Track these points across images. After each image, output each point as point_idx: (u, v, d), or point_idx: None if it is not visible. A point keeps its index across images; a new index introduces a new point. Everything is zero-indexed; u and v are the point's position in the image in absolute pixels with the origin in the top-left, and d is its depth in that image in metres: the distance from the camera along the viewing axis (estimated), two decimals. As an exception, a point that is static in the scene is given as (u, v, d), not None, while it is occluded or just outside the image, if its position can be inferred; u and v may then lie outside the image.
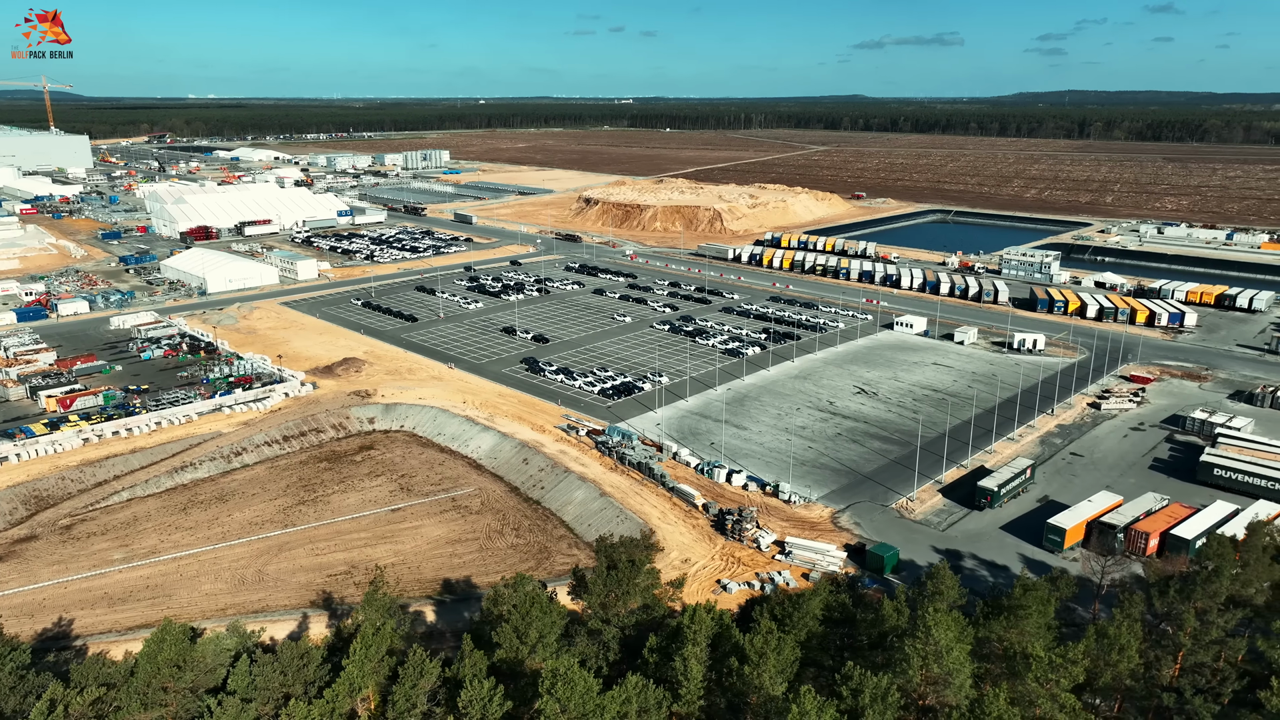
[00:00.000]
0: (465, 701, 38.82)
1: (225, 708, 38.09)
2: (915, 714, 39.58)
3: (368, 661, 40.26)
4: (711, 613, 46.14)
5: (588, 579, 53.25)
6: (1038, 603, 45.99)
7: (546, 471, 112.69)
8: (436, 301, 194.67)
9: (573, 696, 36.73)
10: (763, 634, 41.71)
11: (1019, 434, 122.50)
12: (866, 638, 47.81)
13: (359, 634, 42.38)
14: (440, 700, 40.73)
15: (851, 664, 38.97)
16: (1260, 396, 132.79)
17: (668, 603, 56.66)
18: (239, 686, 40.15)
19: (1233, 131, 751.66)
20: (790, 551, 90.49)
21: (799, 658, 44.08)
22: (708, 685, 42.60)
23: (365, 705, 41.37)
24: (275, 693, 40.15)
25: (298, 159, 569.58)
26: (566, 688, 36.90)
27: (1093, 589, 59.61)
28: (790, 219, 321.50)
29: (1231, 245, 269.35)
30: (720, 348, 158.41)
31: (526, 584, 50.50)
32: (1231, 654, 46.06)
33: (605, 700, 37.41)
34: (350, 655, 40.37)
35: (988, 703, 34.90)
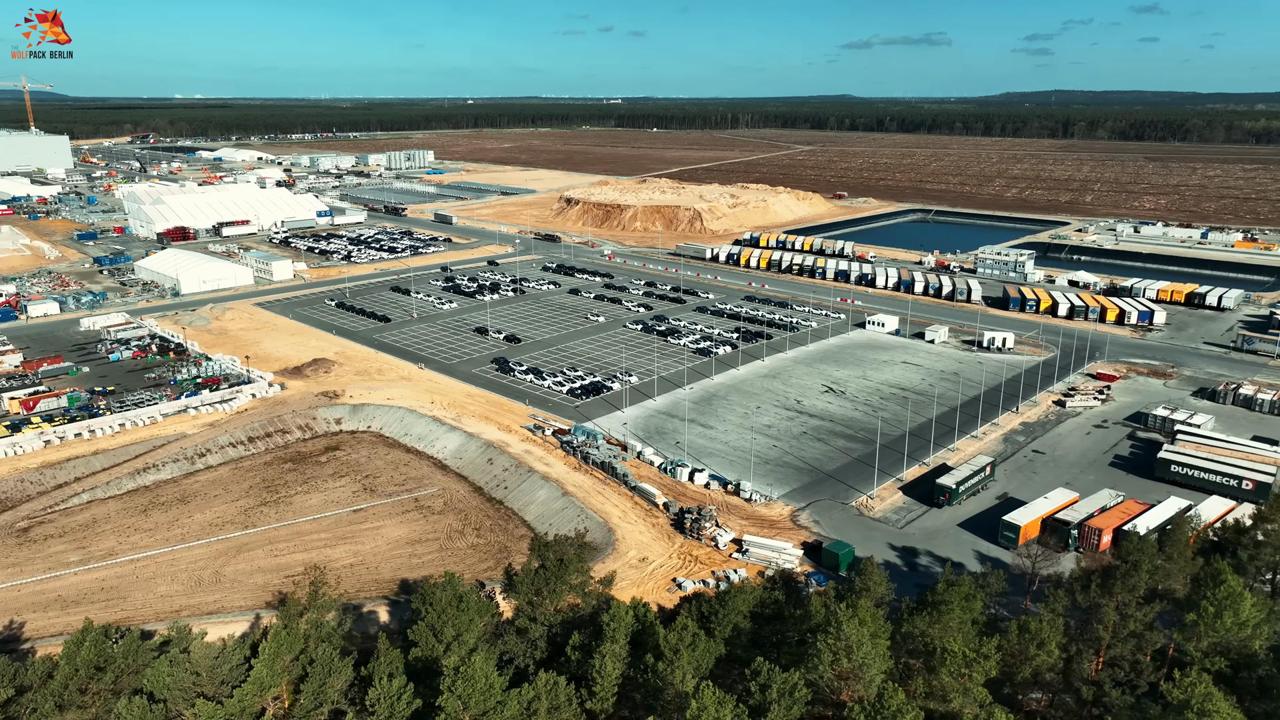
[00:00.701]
0: (372, 700, 38.97)
1: (132, 706, 38.05)
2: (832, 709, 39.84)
3: (278, 660, 40.32)
4: (638, 610, 46.32)
5: (515, 578, 53.38)
6: (960, 598, 46.40)
7: (510, 471, 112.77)
8: (411, 302, 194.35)
9: (473, 694, 36.88)
10: (678, 631, 42.02)
11: (983, 432, 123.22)
12: (796, 634, 48.12)
13: (269, 634, 42.42)
14: (353, 699, 40.83)
15: (760, 660, 39.31)
16: (1222, 394, 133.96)
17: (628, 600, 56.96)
18: (155, 687, 40.10)
19: (1214, 131, 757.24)
20: (747, 550, 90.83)
21: (723, 655, 44.38)
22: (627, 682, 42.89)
23: (279, 704, 41.44)
24: (189, 693, 40.14)
25: (281, 159, 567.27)
26: (467, 685, 37.05)
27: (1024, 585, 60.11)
28: (771, 219, 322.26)
29: (1206, 244, 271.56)
30: (691, 347, 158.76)
31: (454, 583, 50.64)
32: (1149, 646, 46.63)
33: (510, 697, 37.57)
34: (260, 655, 40.44)
35: (887, 697, 35.27)
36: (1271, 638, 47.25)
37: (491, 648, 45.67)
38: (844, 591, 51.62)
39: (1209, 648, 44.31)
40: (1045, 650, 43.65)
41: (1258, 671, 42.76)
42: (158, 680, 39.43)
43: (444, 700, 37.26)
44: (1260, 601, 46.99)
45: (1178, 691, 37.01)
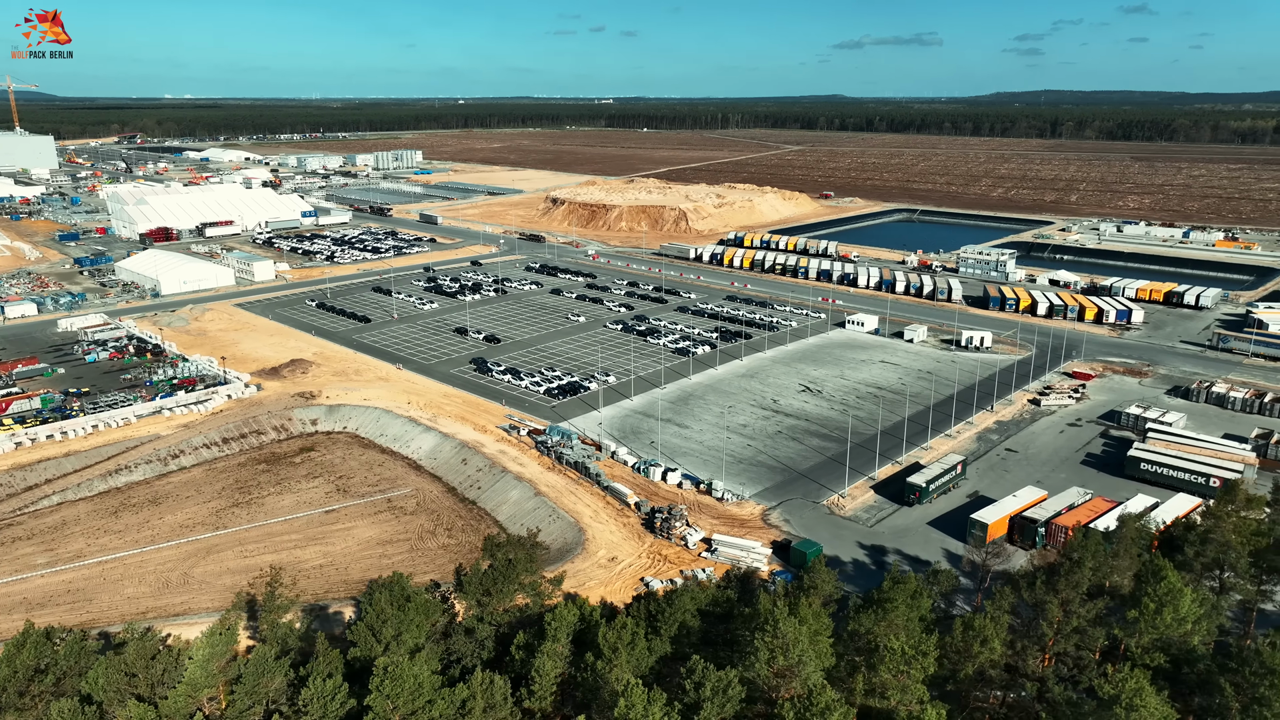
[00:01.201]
0: (305, 700, 38.93)
1: (62, 707, 37.96)
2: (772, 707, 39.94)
3: (213, 662, 40.29)
4: (583, 610, 46.40)
5: (464, 578, 53.40)
6: (905, 596, 46.60)
7: (484, 471, 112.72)
8: (392, 302, 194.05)
9: (401, 693, 36.89)
10: (617, 630, 42.10)
11: (957, 430, 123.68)
12: (746, 632, 48.26)
13: (204, 635, 42.37)
14: (291, 699, 40.83)
15: (696, 658, 39.46)
16: (1195, 391, 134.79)
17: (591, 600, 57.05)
18: (93, 689, 40.02)
19: (1200, 131, 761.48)
20: (716, 549, 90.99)
21: (669, 653, 44.47)
22: (570, 681, 42.95)
23: (216, 705, 41.37)
24: (123, 694, 40.09)
25: (268, 159, 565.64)
26: (394, 684, 37.06)
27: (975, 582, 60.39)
28: (756, 218, 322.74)
29: (1188, 243, 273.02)
30: (671, 347, 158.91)
31: (400, 583, 50.64)
32: (1092, 642, 46.93)
33: (441, 696, 37.57)
34: (192, 656, 40.39)
35: (815, 694, 35.41)
36: (1213, 633, 47.67)
37: (435, 647, 45.65)
38: (793, 589, 51.78)
39: (1150, 643, 44.64)
40: (988, 647, 43.89)
41: (1197, 666, 43.10)
42: (95, 682, 39.34)
43: (372, 699, 37.26)
44: (1201, 597, 47.36)
45: (1109, 687, 37.28)
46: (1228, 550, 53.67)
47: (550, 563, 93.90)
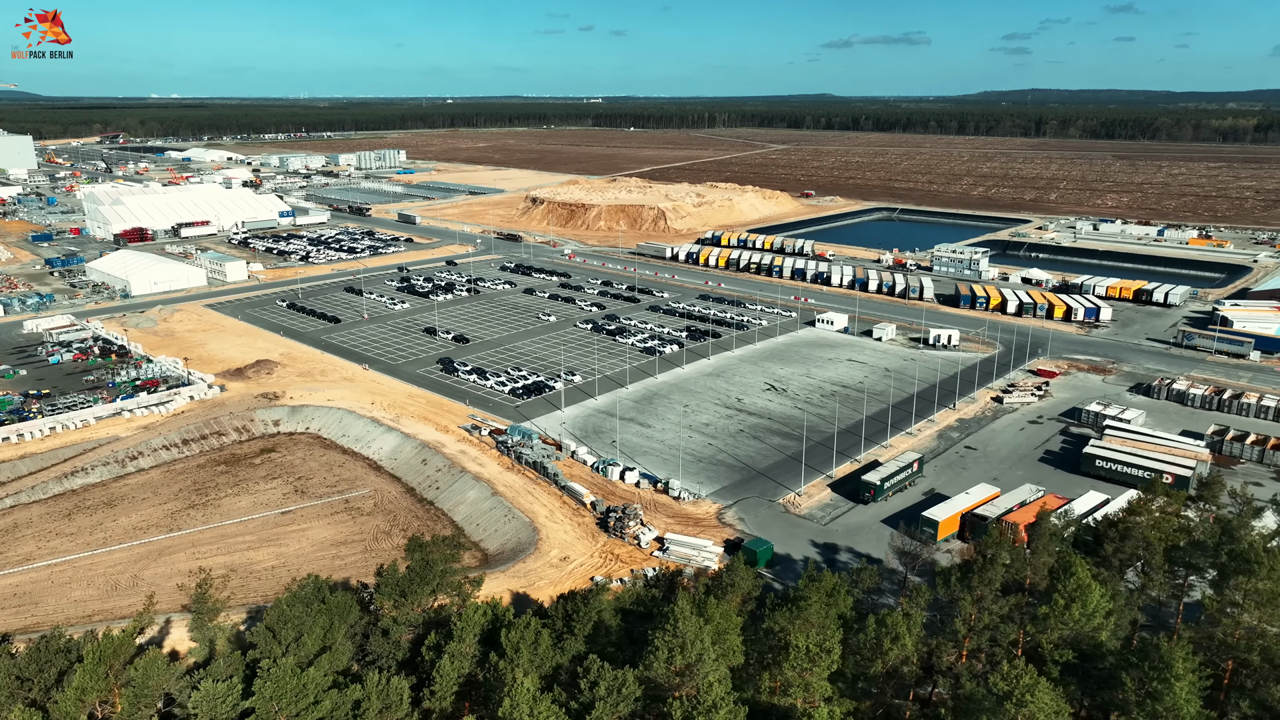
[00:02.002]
0: (194, 702, 38.78)
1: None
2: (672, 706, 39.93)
3: (101, 666, 40.01)
4: (495, 609, 46.35)
5: (380, 579, 53.32)
6: (820, 594, 46.72)
7: (443, 472, 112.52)
8: (363, 303, 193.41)
9: (283, 694, 36.81)
10: (520, 629, 42.07)
11: (918, 428, 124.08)
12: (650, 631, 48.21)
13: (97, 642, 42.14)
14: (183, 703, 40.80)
15: (593, 657, 39.47)
16: (1157, 389, 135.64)
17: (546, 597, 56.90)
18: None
19: (1182, 130, 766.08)
20: (668, 548, 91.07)
21: (582, 651, 44.46)
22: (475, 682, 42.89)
23: (109, 708, 41.13)
24: (14, 697, 39.78)
25: (251, 159, 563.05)
26: (276, 686, 36.91)
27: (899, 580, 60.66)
28: (736, 217, 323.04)
29: (1162, 241, 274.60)
30: (639, 346, 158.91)
31: (317, 585, 50.49)
32: (1003, 639, 47.16)
33: (327, 697, 37.48)
34: (83, 661, 40.16)
35: (702, 693, 35.46)
36: (1124, 628, 47.92)
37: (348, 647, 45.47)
38: (712, 587, 51.96)
39: (1059, 639, 44.90)
40: (899, 644, 44.03)
41: (1104, 662, 43.34)
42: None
43: (255, 701, 37.15)
44: (1112, 593, 47.59)
45: (1003, 684, 37.48)
46: (1145, 546, 54.07)
47: (503, 562, 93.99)
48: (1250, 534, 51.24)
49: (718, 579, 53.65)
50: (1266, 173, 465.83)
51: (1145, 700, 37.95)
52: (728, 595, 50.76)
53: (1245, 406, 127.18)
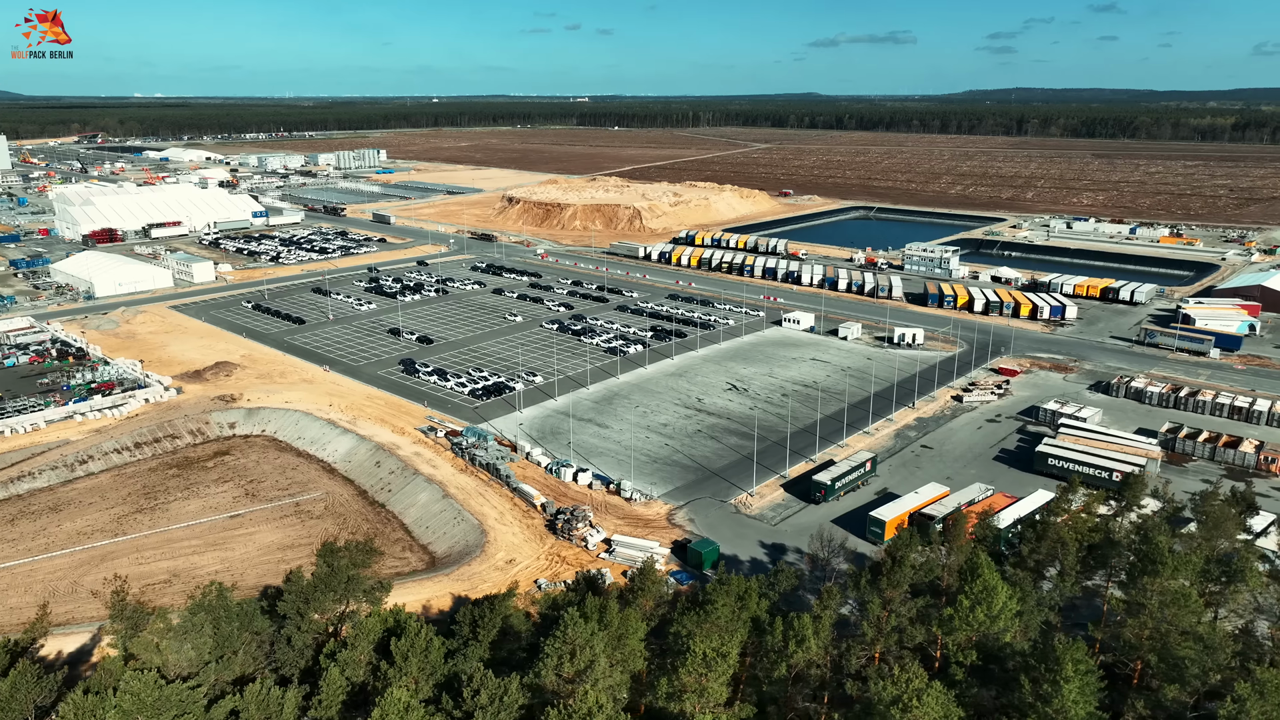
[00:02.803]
0: (63, 714, 38.08)
1: None
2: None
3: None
4: (398, 616, 45.75)
5: (285, 586, 52.70)
6: (729, 598, 46.32)
7: (396, 474, 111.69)
8: (330, 303, 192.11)
9: (141, 706, 36.17)
10: (409, 636, 41.54)
11: (876, 428, 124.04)
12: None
13: None
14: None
15: (477, 664, 38.99)
16: (1115, 386, 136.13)
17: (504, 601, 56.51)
18: None
19: (1162, 128, 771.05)
20: (614, 550, 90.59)
21: (486, 657, 43.92)
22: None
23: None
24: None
25: (230, 159, 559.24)
26: (131, 698, 36.29)
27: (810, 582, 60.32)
28: (712, 217, 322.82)
29: (1134, 240, 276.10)
30: (603, 346, 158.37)
31: (221, 592, 49.77)
32: (910, 641, 46.91)
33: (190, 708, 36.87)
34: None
35: (578, 699, 35.02)
36: (1034, 629, 47.76)
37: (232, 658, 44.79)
38: (626, 592, 51.50)
39: (964, 641, 44.67)
40: (804, 647, 43.69)
41: (1008, 664, 43.15)
42: None
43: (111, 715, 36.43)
44: (1022, 593, 47.41)
45: (892, 688, 37.21)
46: (1060, 546, 53.95)
47: (450, 565, 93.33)
48: (1160, 534, 51.19)
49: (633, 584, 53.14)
50: (1241, 171, 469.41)
51: (1037, 703, 37.74)
52: (637, 599, 50.34)
53: (1201, 404, 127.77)
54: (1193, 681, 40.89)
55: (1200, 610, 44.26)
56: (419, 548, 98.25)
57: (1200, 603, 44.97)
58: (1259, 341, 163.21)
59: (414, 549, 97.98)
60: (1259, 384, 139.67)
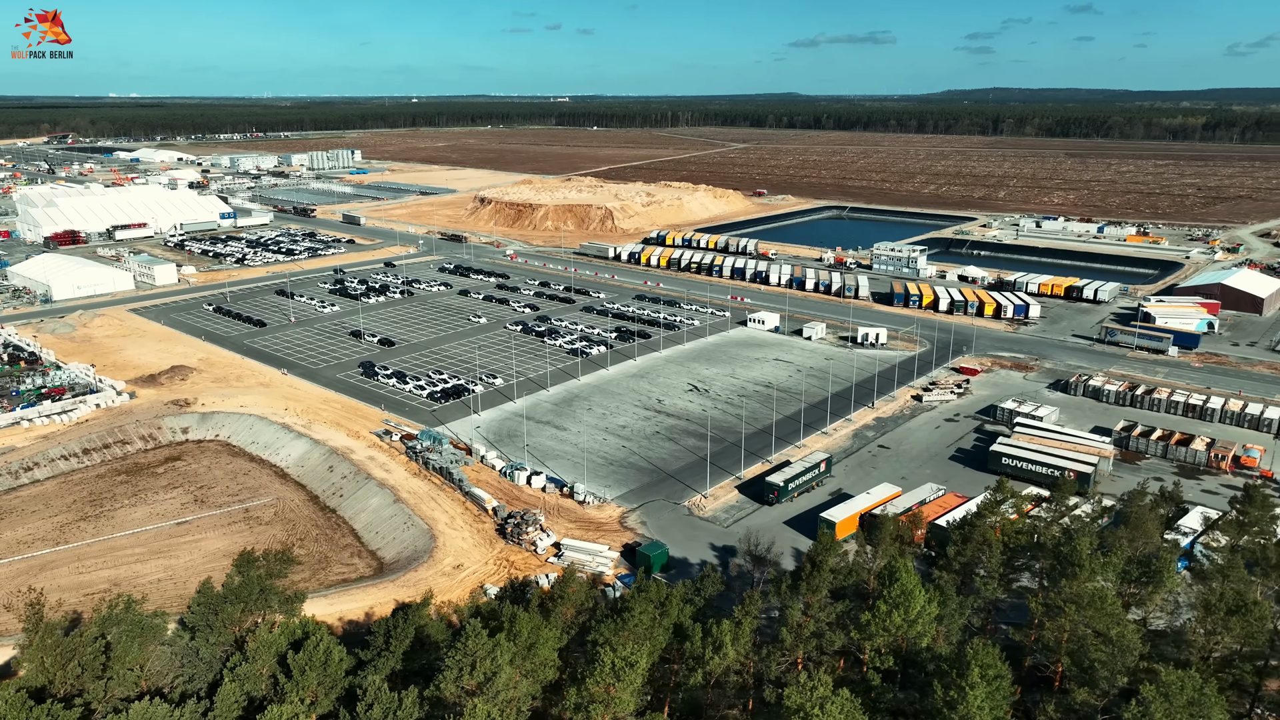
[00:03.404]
0: None
1: None
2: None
3: None
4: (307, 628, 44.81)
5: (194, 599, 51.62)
6: (648, 605, 45.66)
7: (349, 479, 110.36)
8: (293, 306, 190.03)
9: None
10: (309, 650, 40.62)
11: (834, 428, 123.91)
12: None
13: None
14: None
15: (371, 678, 38.19)
16: (1074, 385, 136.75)
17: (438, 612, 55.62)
18: None
19: (1134, 128, 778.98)
20: (563, 554, 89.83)
21: (398, 669, 43.11)
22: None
23: None
24: None
25: (202, 160, 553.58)
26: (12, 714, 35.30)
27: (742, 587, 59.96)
28: (685, 217, 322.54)
29: (1101, 238, 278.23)
30: (566, 348, 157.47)
31: (128, 604, 48.62)
32: (829, 646, 46.51)
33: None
34: None
35: (467, 714, 34.28)
36: (955, 633, 47.41)
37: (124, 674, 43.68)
38: (547, 599, 50.80)
39: (882, 645, 44.31)
40: (721, 654, 43.13)
41: (926, 668, 42.81)
42: None
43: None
44: (943, 597, 47.05)
45: (797, 696, 36.75)
46: (986, 548, 53.71)
47: (397, 571, 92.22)
48: (1084, 536, 51.05)
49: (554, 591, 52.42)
50: (1210, 170, 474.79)
51: (944, 708, 37.37)
52: (558, 607, 49.63)
53: (1156, 402, 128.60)
54: (1102, 684, 40.69)
55: (1118, 612, 44.08)
56: (368, 553, 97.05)
57: (1118, 604, 44.82)
58: (1217, 339, 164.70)
59: (363, 555, 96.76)
60: (1215, 381, 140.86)
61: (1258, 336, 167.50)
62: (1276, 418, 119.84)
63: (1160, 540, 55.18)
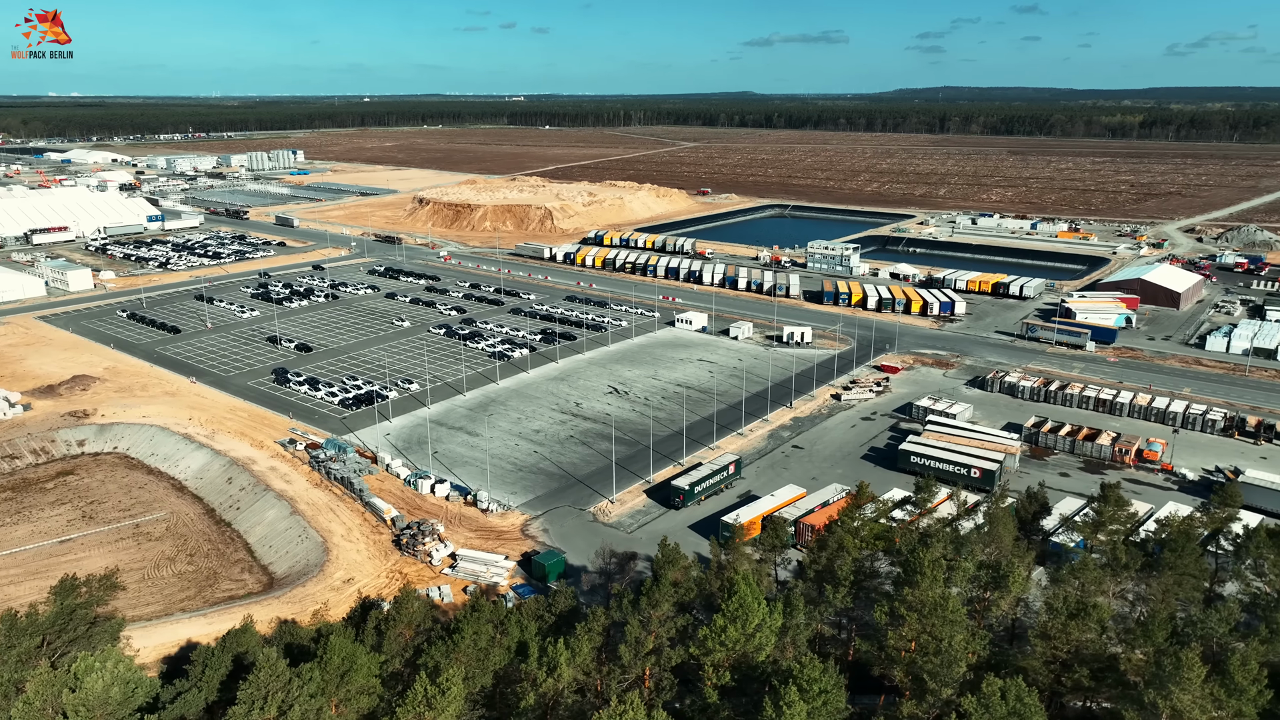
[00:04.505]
0: None
1: None
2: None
3: None
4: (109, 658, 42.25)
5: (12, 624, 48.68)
6: (474, 624, 43.82)
7: (247, 490, 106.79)
8: (212, 311, 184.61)
9: None
10: (86, 687, 38.26)
11: (750, 429, 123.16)
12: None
13: None
14: None
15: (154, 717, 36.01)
16: (991, 381, 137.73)
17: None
18: None
19: (1076, 126, 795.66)
20: (458, 565, 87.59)
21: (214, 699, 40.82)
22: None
23: None
24: None
25: (138, 161, 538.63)
26: None
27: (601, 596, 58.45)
28: (626, 216, 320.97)
29: (1034, 235, 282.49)
30: (489, 351, 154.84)
31: None
32: (667, 663, 45.17)
33: None
34: None
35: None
36: (801, 646, 46.40)
37: None
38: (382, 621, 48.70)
39: (721, 661, 43.03)
40: (555, 675, 41.48)
41: (767, 684, 41.65)
42: None
43: None
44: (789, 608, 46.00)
45: (631, 713, 35.24)
46: (840, 555, 52.82)
47: (287, 586, 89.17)
48: (938, 543, 50.36)
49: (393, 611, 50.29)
50: (1144, 167, 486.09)
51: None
52: (392, 629, 47.56)
53: (1069, 397, 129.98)
54: (929, 696, 39.85)
55: (959, 620, 43.32)
56: (259, 568, 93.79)
57: (961, 612, 44.08)
58: (1134, 334, 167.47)
59: (253, 570, 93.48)
60: (1128, 375, 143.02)
61: (1173, 330, 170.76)
62: (1181, 411, 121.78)
63: (1011, 543, 54.81)
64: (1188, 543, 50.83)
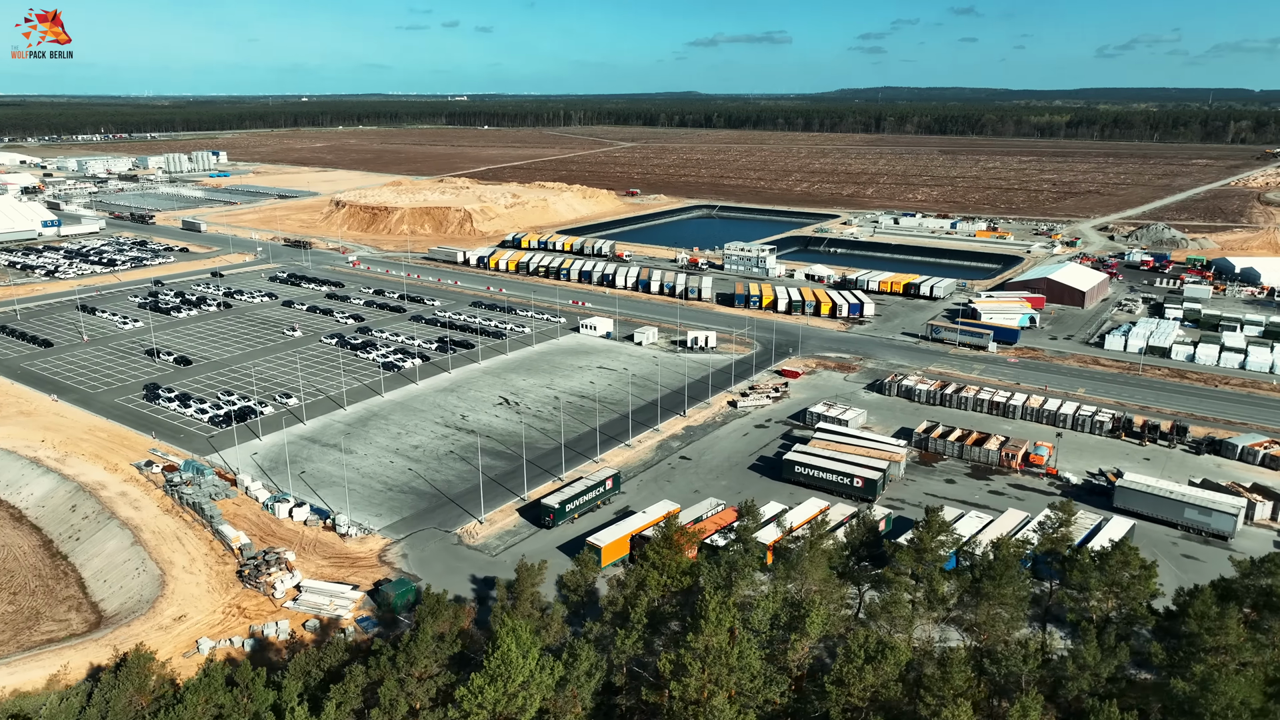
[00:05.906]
0: None
1: None
2: None
3: None
4: None
5: None
6: (197, 693, 38.99)
7: (90, 519, 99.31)
8: (93, 322, 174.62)
9: None
10: None
11: (638, 439, 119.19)
12: None
13: None
14: None
15: None
16: (888, 385, 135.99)
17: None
18: None
19: (1006, 125, 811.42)
20: (300, 597, 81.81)
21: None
22: None
23: None
24: None
25: (48, 163, 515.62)
26: None
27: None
28: (550, 218, 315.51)
29: (954, 234, 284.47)
30: (380, 361, 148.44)
31: None
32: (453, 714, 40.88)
33: None
34: None
35: None
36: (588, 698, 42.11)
37: None
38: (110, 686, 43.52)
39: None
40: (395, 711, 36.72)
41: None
42: None
43: None
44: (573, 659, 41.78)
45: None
46: (639, 594, 48.92)
47: (113, 625, 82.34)
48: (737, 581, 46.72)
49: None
50: (1068, 166, 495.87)
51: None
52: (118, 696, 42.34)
53: (964, 400, 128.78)
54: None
55: (754, 667, 39.64)
56: (89, 606, 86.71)
57: (754, 657, 40.41)
58: (1036, 334, 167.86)
59: (82, 608, 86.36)
60: (1026, 376, 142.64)
61: (1076, 330, 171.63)
62: (1070, 413, 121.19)
63: (823, 578, 51.23)
64: (1005, 570, 47.99)
